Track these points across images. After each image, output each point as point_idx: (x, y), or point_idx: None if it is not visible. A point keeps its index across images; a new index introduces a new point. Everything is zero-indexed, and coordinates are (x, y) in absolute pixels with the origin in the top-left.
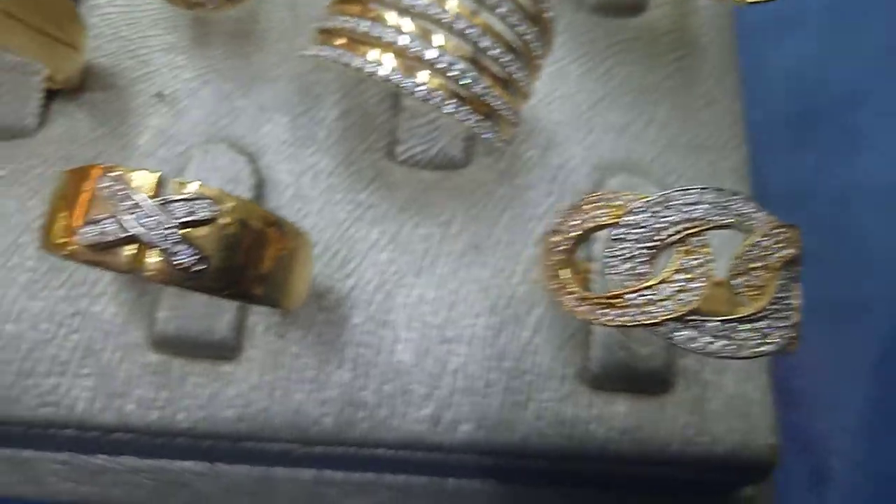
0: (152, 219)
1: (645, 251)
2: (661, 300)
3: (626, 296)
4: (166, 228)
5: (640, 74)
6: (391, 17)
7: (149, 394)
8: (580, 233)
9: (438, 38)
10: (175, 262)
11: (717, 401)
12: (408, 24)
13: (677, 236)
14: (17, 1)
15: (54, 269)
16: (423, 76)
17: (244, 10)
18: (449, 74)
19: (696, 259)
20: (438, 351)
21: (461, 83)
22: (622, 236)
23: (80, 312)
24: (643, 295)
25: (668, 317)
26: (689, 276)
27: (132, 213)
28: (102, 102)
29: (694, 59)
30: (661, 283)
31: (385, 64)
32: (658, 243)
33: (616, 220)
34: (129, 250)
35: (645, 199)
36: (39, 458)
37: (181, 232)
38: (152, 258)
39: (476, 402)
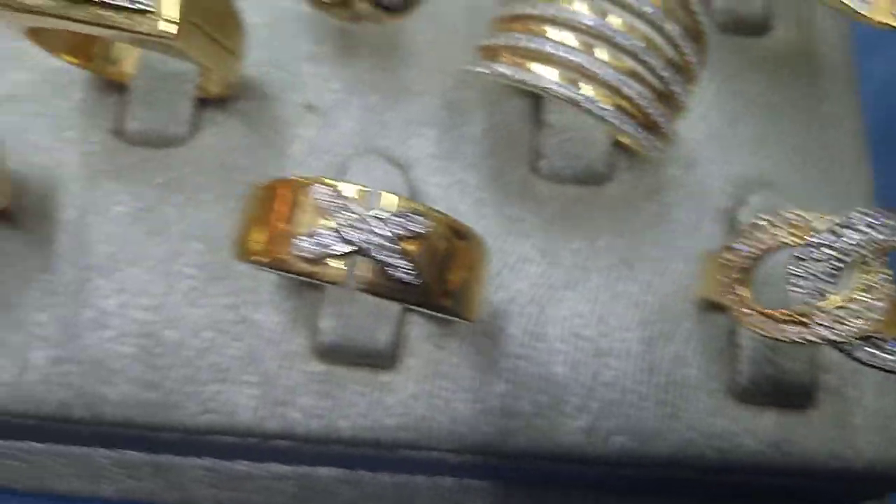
0: (372, 232)
1: (828, 270)
2: (849, 318)
3: (815, 314)
4: (386, 242)
5: (769, 93)
6: (554, 32)
7: (311, 402)
8: (761, 252)
9: (601, 52)
10: (391, 275)
11: (858, 415)
12: (571, 39)
13: (859, 257)
14: (200, 10)
15: (215, 277)
16: (587, 89)
17: (387, 24)
18: (614, 87)
19: (879, 279)
20: (592, 363)
21: (627, 96)
22: (806, 255)
23: (243, 320)
24: (831, 313)
25: (856, 335)
26: (873, 295)
27: (353, 226)
28: (252, 112)
29: (819, 79)
30: (848, 301)
31: (551, 77)
32: (840, 263)
33: (798, 241)
34: (338, 262)
35: (827, 220)
36: (183, 464)
37: (399, 246)
38: (364, 270)
39: (629, 415)
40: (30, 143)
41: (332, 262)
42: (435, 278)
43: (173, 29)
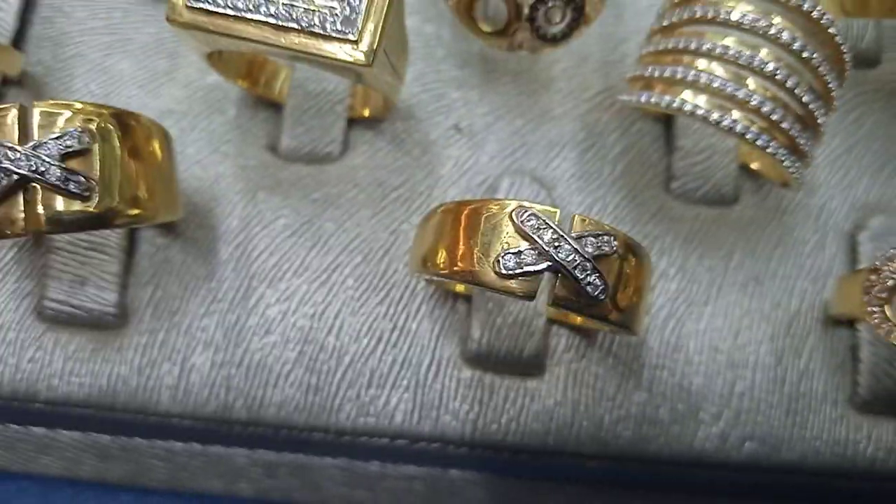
0: (571, 251)
1: None
2: None
3: None
4: (584, 261)
5: (884, 123)
6: (702, 63)
7: (463, 406)
8: None
9: (750, 81)
10: (583, 291)
11: None
12: (720, 70)
13: None
14: (387, 38)
15: (373, 287)
16: (736, 114)
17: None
18: (763, 113)
19: None
20: (726, 374)
21: (775, 122)
22: None
23: (399, 328)
24: None
25: None
26: None
27: (553, 245)
28: (401, 132)
29: None
30: None
31: (703, 104)
32: None
33: None
34: (530, 277)
35: None
36: (319, 464)
37: (594, 264)
38: (557, 286)
39: (760, 423)
40: (187, 157)
41: (524, 278)
42: (614, 294)
43: (370, 58)
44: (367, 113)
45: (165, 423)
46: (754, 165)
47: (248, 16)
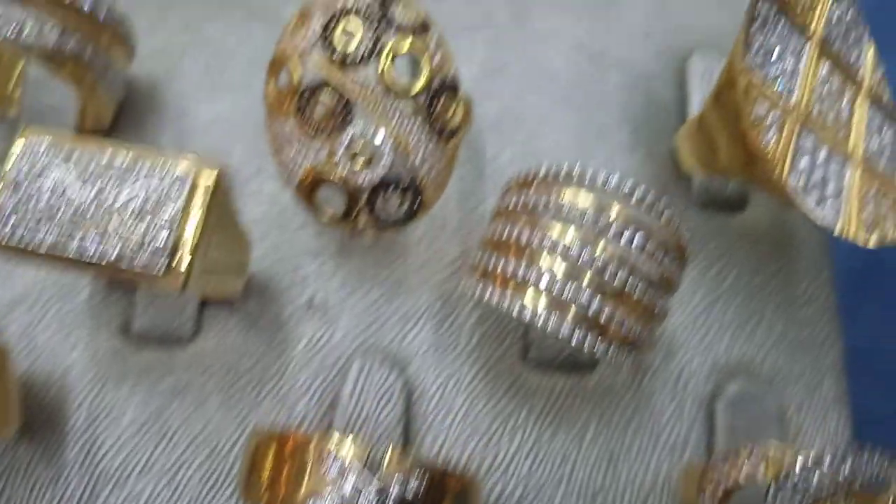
0: (371, 496)
1: None
2: None
3: None
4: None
5: (747, 275)
6: (545, 260)
7: None
8: (736, 482)
9: (587, 279)
10: None
11: None
12: (560, 267)
13: (832, 491)
14: (210, 260)
15: (218, 485)
16: (570, 317)
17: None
18: (596, 318)
19: None
20: None
21: (608, 323)
22: (782, 490)
23: None
24: None
25: None
26: None
27: (356, 495)
28: (255, 310)
29: (793, 258)
30: None
31: (537, 308)
32: (815, 498)
33: (773, 476)
34: None
35: (800, 459)
36: None
37: None
38: None
39: None
40: (37, 347)
41: None
42: None
43: (183, 285)
44: (228, 298)
45: None
46: None
47: (58, 253)
